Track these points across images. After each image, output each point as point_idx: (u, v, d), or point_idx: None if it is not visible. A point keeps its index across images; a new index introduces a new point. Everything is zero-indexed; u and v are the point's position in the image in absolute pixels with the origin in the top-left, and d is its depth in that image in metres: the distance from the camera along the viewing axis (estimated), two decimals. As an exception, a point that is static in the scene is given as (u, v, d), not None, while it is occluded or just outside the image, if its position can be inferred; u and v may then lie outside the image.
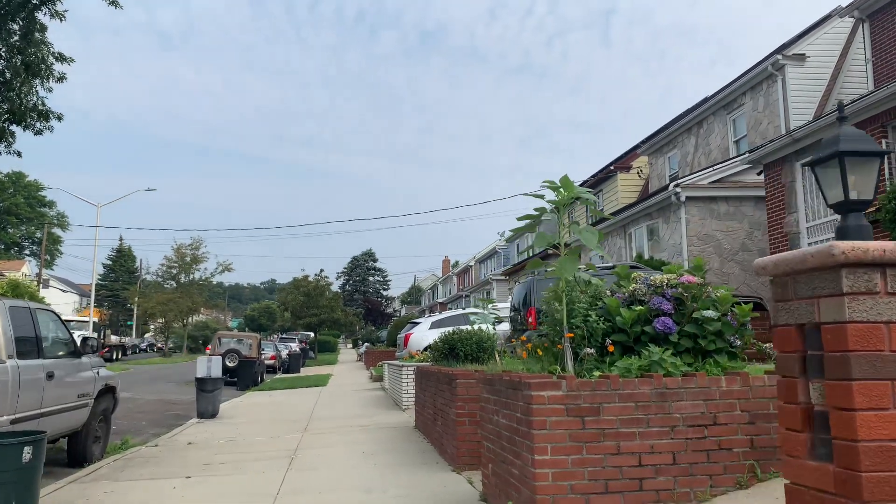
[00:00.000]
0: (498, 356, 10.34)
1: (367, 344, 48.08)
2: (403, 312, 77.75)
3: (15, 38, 10.54)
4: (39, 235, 65.48)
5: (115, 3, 11.15)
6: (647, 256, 15.58)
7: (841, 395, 1.80)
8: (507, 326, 14.43)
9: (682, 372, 4.68)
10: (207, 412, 13.64)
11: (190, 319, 60.98)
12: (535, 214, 5.52)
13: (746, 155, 12.88)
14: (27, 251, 74.16)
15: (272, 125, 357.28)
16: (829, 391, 1.83)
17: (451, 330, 11.00)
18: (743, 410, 4.56)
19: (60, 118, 11.78)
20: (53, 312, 8.32)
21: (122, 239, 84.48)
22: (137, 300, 60.39)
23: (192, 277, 57.62)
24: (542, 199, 5.35)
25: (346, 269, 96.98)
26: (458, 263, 73.21)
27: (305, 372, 32.54)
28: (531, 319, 12.31)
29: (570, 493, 4.27)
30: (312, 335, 59.25)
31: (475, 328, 10.58)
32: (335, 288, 71.35)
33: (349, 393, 19.06)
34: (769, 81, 15.44)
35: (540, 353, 5.49)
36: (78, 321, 38.61)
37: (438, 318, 20.41)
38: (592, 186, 23.73)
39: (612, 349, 5.04)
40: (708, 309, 5.04)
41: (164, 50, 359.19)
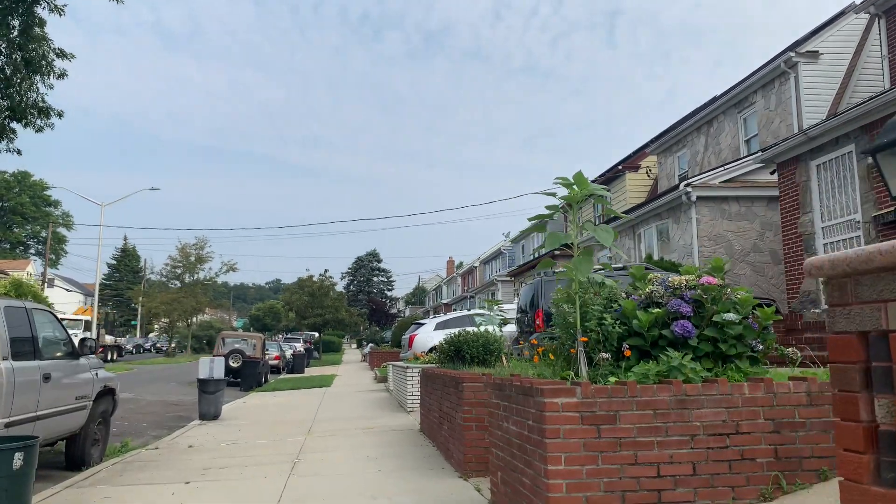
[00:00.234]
0: (505, 359, 10.15)
1: (371, 344, 47.98)
2: (407, 313, 77.69)
3: (14, 33, 10.37)
4: (45, 235, 65.63)
5: None
6: (656, 257, 15.33)
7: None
8: (513, 328, 14.21)
9: (702, 378, 4.46)
10: (210, 414, 13.46)
11: (194, 319, 61.05)
12: (546, 213, 5.30)
13: (759, 154, 12.62)
14: (32, 250, 74.43)
15: (277, 125, 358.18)
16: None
17: (456, 331, 10.78)
18: (767, 419, 4.34)
19: (61, 115, 11.60)
20: (51, 312, 8.14)
21: (126, 239, 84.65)
22: (141, 300, 60.52)
23: (196, 277, 57.69)
24: (553, 196, 5.12)
25: (350, 269, 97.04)
26: (462, 264, 73.03)
27: (310, 372, 32.38)
28: (539, 321, 12.09)
29: (585, 505, 4.06)
30: (317, 335, 59.15)
31: (481, 330, 10.35)
32: (339, 288, 71.39)
33: (353, 394, 18.86)
34: (782, 79, 15.16)
35: (552, 357, 5.27)
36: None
37: (443, 319, 20.22)
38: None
39: (628, 354, 4.82)
40: (728, 311, 4.81)
41: (168, 50, 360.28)
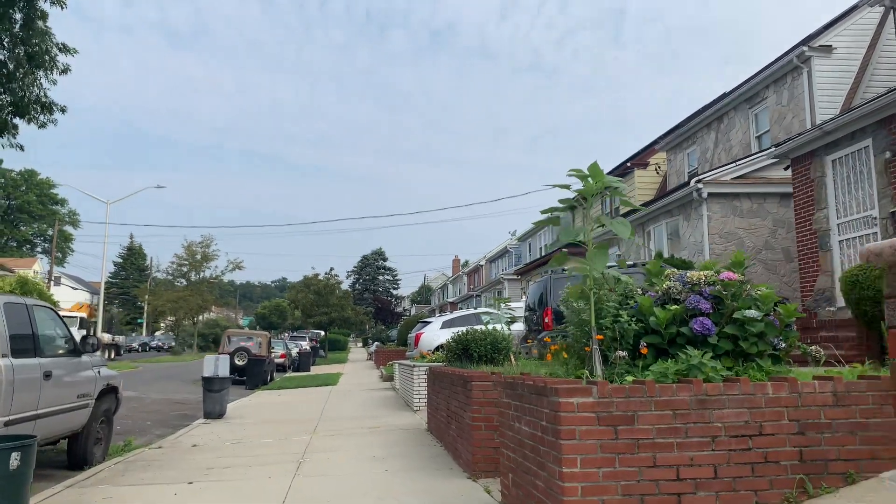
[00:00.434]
0: (513, 357, 9.98)
1: (377, 343, 47.87)
2: (413, 312, 77.60)
3: (16, 27, 10.25)
4: (51, 233, 65.76)
5: None
6: (666, 255, 15.12)
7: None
8: (520, 326, 14.04)
9: (722, 377, 4.28)
10: (214, 412, 13.34)
11: (200, 318, 61.09)
12: (560, 207, 5.13)
13: (772, 149, 12.40)
14: (39, 249, 74.65)
15: (283, 123, 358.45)
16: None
17: (464, 330, 10.62)
18: (791, 419, 4.16)
19: (64, 110, 11.49)
20: (52, 309, 8.01)
21: (132, 237, 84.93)
22: (148, 298, 60.60)
23: (202, 275, 57.74)
24: (567, 188, 4.94)
25: (356, 267, 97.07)
26: (468, 263, 72.87)
27: (315, 370, 32.27)
28: (547, 319, 11.93)
29: (602, 509, 3.90)
30: (323, 334, 59.13)
31: (489, 328, 10.19)
32: (345, 287, 71.30)
33: (359, 393, 18.72)
34: (794, 74, 14.91)
35: (565, 355, 5.09)
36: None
37: (449, 317, 20.07)
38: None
39: (645, 351, 4.65)
40: (749, 308, 4.62)
41: (174, 48, 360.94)
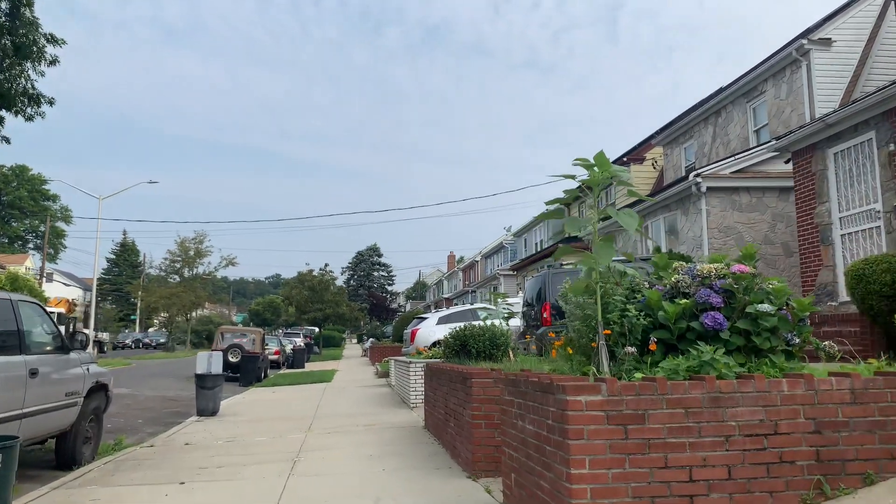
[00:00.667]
0: (512, 353, 9.82)
1: (372, 339, 47.61)
2: (408, 308, 77.39)
3: (2, 17, 9.99)
4: (43, 229, 65.24)
5: None
6: (664, 249, 14.97)
7: None
8: (517, 322, 13.88)
9: (736, 374, 4.11)
10: (207, 410, 13.13)
11: (194, 314, 60.77)
12: (564, 198, 4.95)
13: (773, 143, 12.25)
14: (31, 245, 74.06)
15: (278, 119, 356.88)
16: None
17: (461, 325, 10.45)
18: (808, 418, 4.00)
19: (52, 103, 11.21)
20: (39, 305, 7.78)
21: (125, 233, 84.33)
22: (141, 294, 60.21)
23: (195, 272, 57.41)
24: (573, 178, 4.76)
25: (350, 263, 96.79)
26: (463, 259, 72.71)
27: (310, 367, 32.05)
28: (546, 315, 11.76)
29: (611, 512, 3.73)
30: (317, 330, 58.84)
31: (488, 324, 10.02)
32: (340, 283, 71.01)
33: (354, 389, 18.53)
34: (793, 67, 14.76)
35: (570, 351, 4.92)
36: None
37: (445, 313, 19.92)
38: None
39: (653, 347, 4.48)
40: (762, 302, 4.46)
41: (169, 44, 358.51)
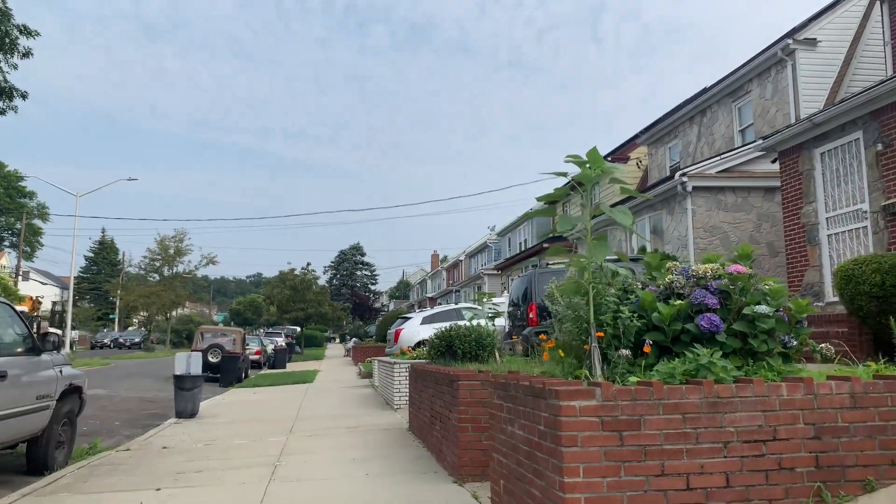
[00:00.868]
0: (498, 354, 9.66)
1: (354, 339, 47.29)
2: (392, 307, 77.08)
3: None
4: (19, 227, 64.04)
5: None
6: (650, 249, 14.92)
7: None
8: (502, 322, 13.73)
9: (733, 378, 3.98)
10: (186, 411, 12.85)
11: (173, 313, 60.01)
12: (556, 195, 4.80)
13: (759, 142, 12.21)
14: (6, 243, 72.64)
15: (260, 117, 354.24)
16: None
17: (446, 325, 10.28)
18: (807, 423, 3.88)
19: (25, 96, 10.80)
20: (9, 305, 7.48)
21: (104, 231, 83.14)
22: (119, 293, 59.34)
23: (175, 270, 56.69)
24: (565, 176, 4.61)
25: (333, 262, 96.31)
26: (447, 258, 72.51)
27: (291, 367, 31.71)
28: (532, 315, 11.63)
29: (606, 522, 3.57)
30: (299, 330, 58.37)
31: (474, 324, 9.86)
32: (322, 282, 70.50)
33: (337, 390, 18.29)
34: (778, 67, 14.77)
35: (562, 353, 4.77)
36: None
37: (430, 313, 19.74)
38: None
39: (648, 350, 4.34)
40: (759, 303, 4.34)
41: (149, 40, 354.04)
